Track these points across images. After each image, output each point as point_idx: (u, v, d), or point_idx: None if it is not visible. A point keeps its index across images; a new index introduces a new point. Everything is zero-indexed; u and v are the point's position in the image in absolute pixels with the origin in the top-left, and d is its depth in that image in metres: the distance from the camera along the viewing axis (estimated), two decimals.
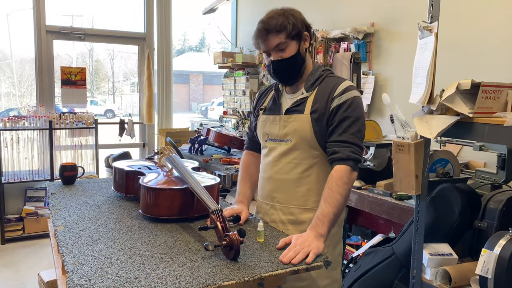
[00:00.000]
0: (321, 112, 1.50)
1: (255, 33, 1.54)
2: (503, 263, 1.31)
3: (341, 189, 1.41)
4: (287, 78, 1.58)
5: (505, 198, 1.62)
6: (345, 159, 1.44)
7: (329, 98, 1.50)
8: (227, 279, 1.09)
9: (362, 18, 3.37)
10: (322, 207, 1.40)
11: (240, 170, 1.79)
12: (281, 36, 1.49)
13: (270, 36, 1.49)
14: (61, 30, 4.68)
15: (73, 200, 1.83)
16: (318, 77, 1.56)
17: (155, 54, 5.19)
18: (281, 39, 1.49)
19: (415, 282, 1.57)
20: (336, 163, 1.45)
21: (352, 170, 1.44)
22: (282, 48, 1.51)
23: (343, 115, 1.46)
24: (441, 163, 1.91)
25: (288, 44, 1.51)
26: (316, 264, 1.23)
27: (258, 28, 1.52)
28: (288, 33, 1.49)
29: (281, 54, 1.52)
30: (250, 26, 5.19)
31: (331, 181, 1.43)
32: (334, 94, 1.49)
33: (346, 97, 1.48)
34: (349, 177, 1.43)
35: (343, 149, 1.45)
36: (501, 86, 1.31)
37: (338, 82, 1.52)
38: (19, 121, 4.23)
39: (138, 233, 1.43)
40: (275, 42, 1.50)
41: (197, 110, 22.90)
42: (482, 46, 2.51)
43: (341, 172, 1.43)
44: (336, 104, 1.48)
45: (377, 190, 2.34)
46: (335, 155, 1.46)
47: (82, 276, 1.10)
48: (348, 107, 1.47)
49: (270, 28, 1.49)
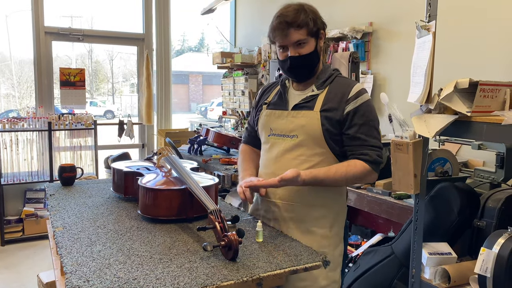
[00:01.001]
0: (333, 111, 1.51)
1: (273, 25, 1.51)
2: (502, 262, 1.31)
3: (351, 179, 1.48)
4: (302, 75, 1.58)
5: (504, 197, 1.62)
6: (372, 162, 1.50)
7: (342, 100, 1.51)
8: (226, 280, 1.09)
9: (361, 18, 3.37)
10: (327, 174, 1.46)
11: (240, 157, 1.78)
12: (302, 32, 1.49)
13: (291, 30, 1.48)
14: (59, 31, 4.68)
15: (72, 201, 1.82)
16: (328, 76, 1.57)
17: (154, 55, 5.19)
18: (302, 35, 1.49)
19: (414, 281, 1.56)
20: (364, 162, 1.50)
21: (373, 172, 1.50)
22: (301, 43, 1.50)
23: (363, 119, 1.50)
24: (440, 162, 1.91)
25: (307, 41, 1.51)
26: (314, 264, 1.23)
27: (278, 21, 1.49)
28: (310, 30, 1.49)
29: (299, 51, 1.51)
30: (249, 26, 5.19)
31: (352, 167, 1.47)
32: (348, 96, 1.51)
33: (361, 100, 1.51)
34: (366, 176, 1.50)
35: (372, 152, 1.49)
36: (499, 85, 1.31)
37: (351, 84, 1.54)
38: (18, 122, 4.23)
39: (137, 234, 1.43)
40: (296, 38, 1.49)
41: (196, 111, 22.89)
42: (480, 45, 2.51)
43: (365, 170, 1.48)
44: (352, 108, 1.50)
45: (376, 190, 2.34)
46: (364, 156, 1.49)
47: (80, 277, 1.10)
48: (366, 111, 1.51)
49: (291, 22, 1.47)
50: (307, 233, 1.54)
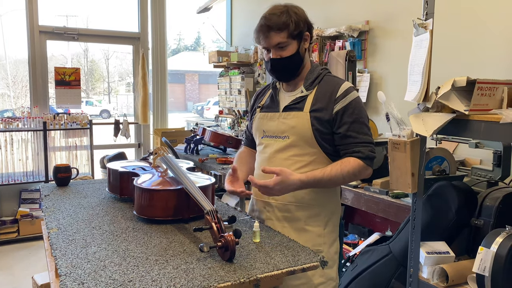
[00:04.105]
0: (323, 111, 1.51)
1: (256, 28, 1.54)
2: (500, 261, 1.30)
3: (347, 177, 1.48)
4: (284, 76, 1.60)
5: (501, 195, 1.61)
6: (365, 158, 1.49)
7: (331, 99, 1.51)
8: (223, 281, 1.08)
9: (357, 16, 3.36)
10: (323, 173, 1.46)
11: (235, 158, 1.81)
12: (282, 35, 1.49)
13: (271, 33, 1.50)
14: (54, 30, 4.64)
15: (67, 202, 1.80)
16: (317, 76, 1.57)
17: (150, 54, 5.16)
18: (282, 38, 1.50)
19: (412, 281, 1.56)
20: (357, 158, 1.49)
21: (368, 167, 1.51)
22: (282, 46, 1.51)
23: (352, 117, 1.50)
24: (437, 161, 1.90)
25: (288, 43, 1.51)
26: (312, 264, 1.22)
27: (260, 23, 1.52)
28: (290, 32, 1.49)
29: (281, 53, 1.52)
30: (245, 25, 5.17)
31: (345, 164, 1.47)
32: (337, 95, 1.51)
33: (350, 98, 1.51)
34: (362, 173, 1.50)
35: (364, 149, 1.49)
36: (496, 83, 1.30)
37: (338, 83, 1.54)
38: (12, 122, 4.19)
39: (133, 235, 1.41)
40: (276, 41, 1.50)
41: (193, 110, 22.88)
42: (477, 43, 2.50)
43: (359, 166, 1.48)
44: (341, 107, 1.50)
45: (373, 189, 2.33)
46: (356, 153, 1.49)
47: (75, 279, 1.08)
48: (355, 108, 1.51)
49: (272, 25, 1.48)
50: (302, 231, 1.55)
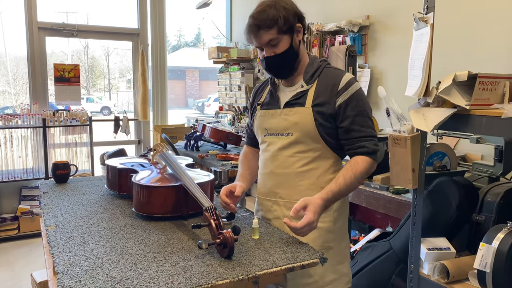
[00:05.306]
0: (325, 105, 1.48)
1: (246, 29, 1.51)
2: (502, 257, 1.29)
3: (361, 178, 1.45)
4: (281, 72, 1.56)
5: (502, 191, 1.60)
6: (371, 152, 1.48)
7: (332, 92, 1.48)
8: (221, 278, 1.07)
9: (357, 11, 3.34)
10: (339, 184, 1.43)
11: (239, 160, 1.78)
12: (272, 32, 1.46)
13: (261, 32, 1.47)
14: (53, 27, 4.62)
15: (66, 199, 1.80)
16: (316, 69, 1.54)
17: (149, 50, 5.14)
18: (273, 35, 1.46)
19: (412, 277, 1.55)
20: (363, 155, 1.48)
21: (375, 162, 1.49)
22: (274, 43, 1.48)
23: (356, 110, 1.47)
24: (438, 156, 1.89)
25: (280, 39, 1.48)
26: (312, 261, 1.21)
27: (249, 23, 1.50)
28: (279, 28, 1.46)
29: (274, 50, 1.49)
30: (244, 20, 5.11)
31: (356, 167, 1.45)
32: (339, 88, 1.48)
33: (352, 90, 1.48)
34: (371, 169, 1.48)
35: (368, 143, 1.47)
36: (498, 78, 1.29)
37: (340, 75, 1.51)
38: (12, 119, 4.18)
39: (131, 232, 1.40)
40: (267, 38, 1.47)
41: (193, 106, 22.85)
42: (478, 37, 2.48)
43: (369, 164, 1.46)
44: (344, 100, 1.47)
45: (373, 185, 2.32)
46: (362, 149, 1.47)
47: (72, 277, 1.07)
48: (358, 100, 1.48)
49: (260, 24, 1.46)
50: None
